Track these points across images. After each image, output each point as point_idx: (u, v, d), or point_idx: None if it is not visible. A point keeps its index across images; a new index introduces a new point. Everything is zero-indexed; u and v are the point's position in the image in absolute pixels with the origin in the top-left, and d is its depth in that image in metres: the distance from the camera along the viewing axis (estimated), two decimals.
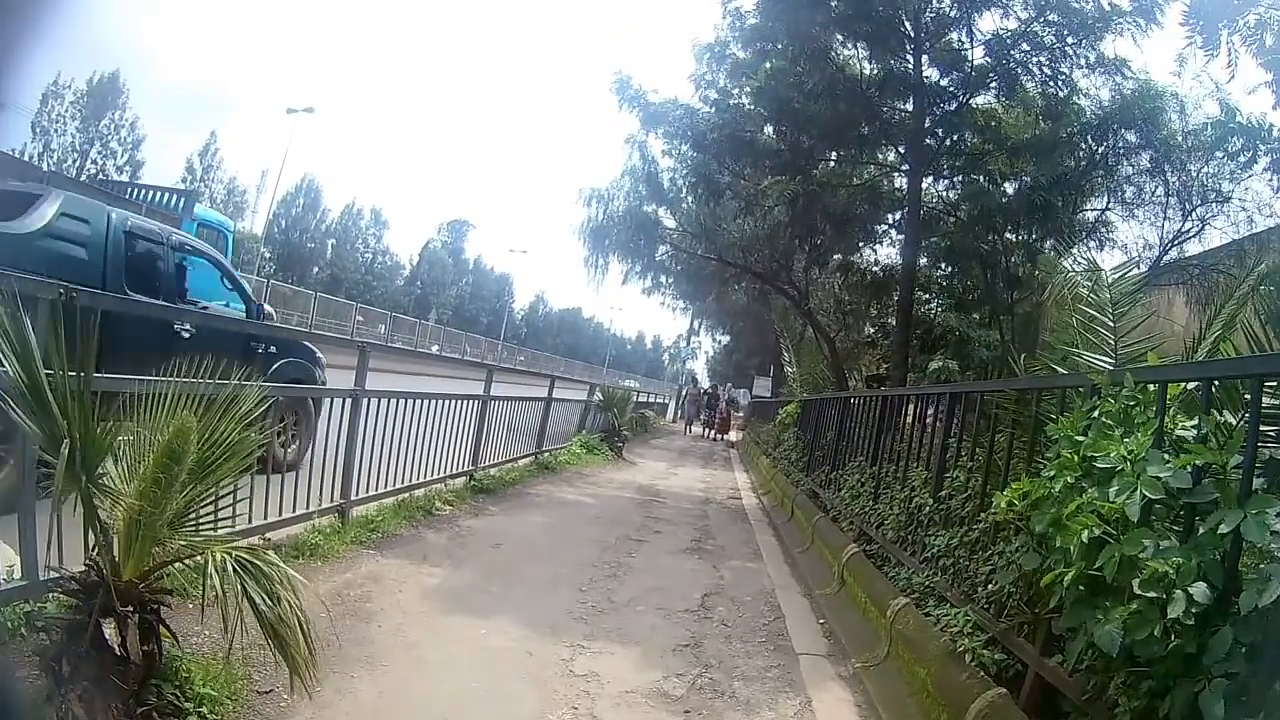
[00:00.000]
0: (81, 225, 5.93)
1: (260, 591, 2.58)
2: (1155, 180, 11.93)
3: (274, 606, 2.58)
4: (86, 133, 50.53)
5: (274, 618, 2.57)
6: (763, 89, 10.79)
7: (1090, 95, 11.59)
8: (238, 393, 3.05)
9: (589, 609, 5.21)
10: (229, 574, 2.58)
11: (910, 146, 11.82)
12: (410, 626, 4.37)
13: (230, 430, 2.95)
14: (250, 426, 3.07)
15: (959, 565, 4.40)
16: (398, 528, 6.42)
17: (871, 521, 6.32)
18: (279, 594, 2.61)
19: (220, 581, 2.54)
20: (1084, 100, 11.49)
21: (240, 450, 2.97)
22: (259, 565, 2.63)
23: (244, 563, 2.62)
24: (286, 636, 2.58)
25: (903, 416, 7.21)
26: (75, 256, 5.78)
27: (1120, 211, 12.66)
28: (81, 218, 5.95)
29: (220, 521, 3.22)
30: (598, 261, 18.11)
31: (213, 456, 2.91)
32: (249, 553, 2.70)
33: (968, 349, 13.80)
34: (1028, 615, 3.62)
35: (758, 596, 6.25)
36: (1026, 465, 3.98)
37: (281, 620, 2.58)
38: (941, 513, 4.91)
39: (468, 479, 8.71)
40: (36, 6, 5.41)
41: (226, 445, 2.94)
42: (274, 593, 2.60)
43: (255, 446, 3.04)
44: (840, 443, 8.89)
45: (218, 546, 2.67)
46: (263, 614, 2.56)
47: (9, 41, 4.63)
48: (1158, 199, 12.30)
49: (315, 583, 4.78)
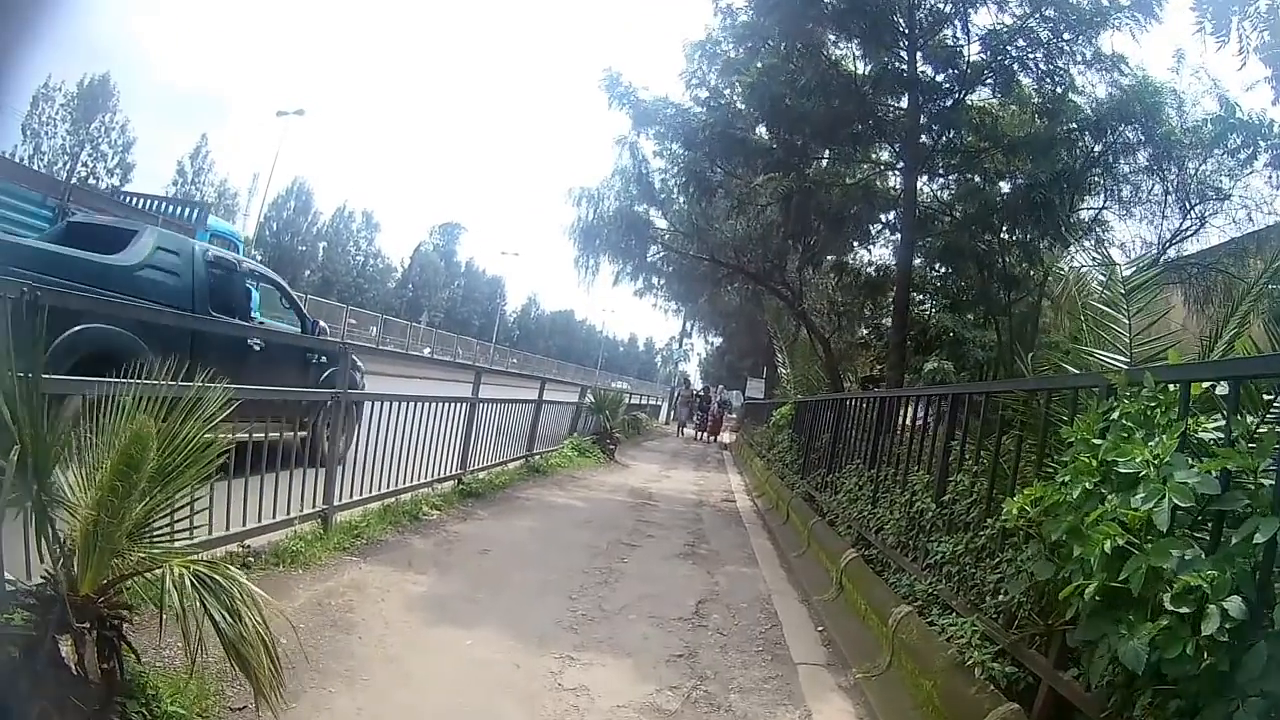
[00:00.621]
0: (173, 256, 6.84)
1: (220, 608, 2.40)
2: (1153, 178, 11.81)
3: (235, 624, 2.39)
4: (77, 135, 50.16)
5: (235, 636, 2.39)
6: (755, 85, 10.59)
7: (1086, 93, 11.46)
8: (201, 395, 2.85)
9: (579, 618, 5.02)
10: (188, 589, 2.40)
11: (905, 144, 11.66)
12: (393, 638, 4.18)
13: (194, 435, 2.77)
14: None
15: (964, 572, 4.22)
16: (383, 533, 6.22)
17: (870, 526, 6.15)
18: (240, 610, 2.42)
19: (179, 598, 2.36)
20: (1080, 98, 11.35)
21: (204, 456, 2.78)
22: (219, 580, 2.44)
23: (203, 578, 2.44)
24: (249, 655, 2.40)
25: (901, 418, 7.07)
26: (169, 284, 6.65)
27: (1117, 210, 12.52)
28: (173, 250, 6.89)
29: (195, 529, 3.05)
30: (588, 262, 17.93)
31: (175, 463, 2.72)
32: (209, 567, 2.52)
33: (962, 350, 13.68)
34: (1040, 626, 3.45)
35: (754, 603, 6.07)
36: (1037, 469, 3.82)
37: (243, 639, 2.40)
38: (945, 518, 4.74)
39: (456, 483, 8.52)
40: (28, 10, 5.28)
41: (189, 451, 2.75)
42: (235, 609, 2.41)
43: (219, 453, 2.84)
44: (836, 445, 8.72)
45: (177, 560, 2.49)
46: (223, 632, 2.38)
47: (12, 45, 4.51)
48: (1155, 197, 12.18)
49: (295, 592, 4.62)
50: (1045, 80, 11.39)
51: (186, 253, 7.00)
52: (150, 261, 6.53)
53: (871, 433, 7.28)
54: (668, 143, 14.71)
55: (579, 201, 17.16)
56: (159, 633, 2.71)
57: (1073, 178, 10.48)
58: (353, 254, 75.26)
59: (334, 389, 5.93)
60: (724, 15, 12.88)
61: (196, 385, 2.90)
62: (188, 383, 2.93)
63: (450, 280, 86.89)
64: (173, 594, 2.37)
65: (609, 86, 12.85)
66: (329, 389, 6.94)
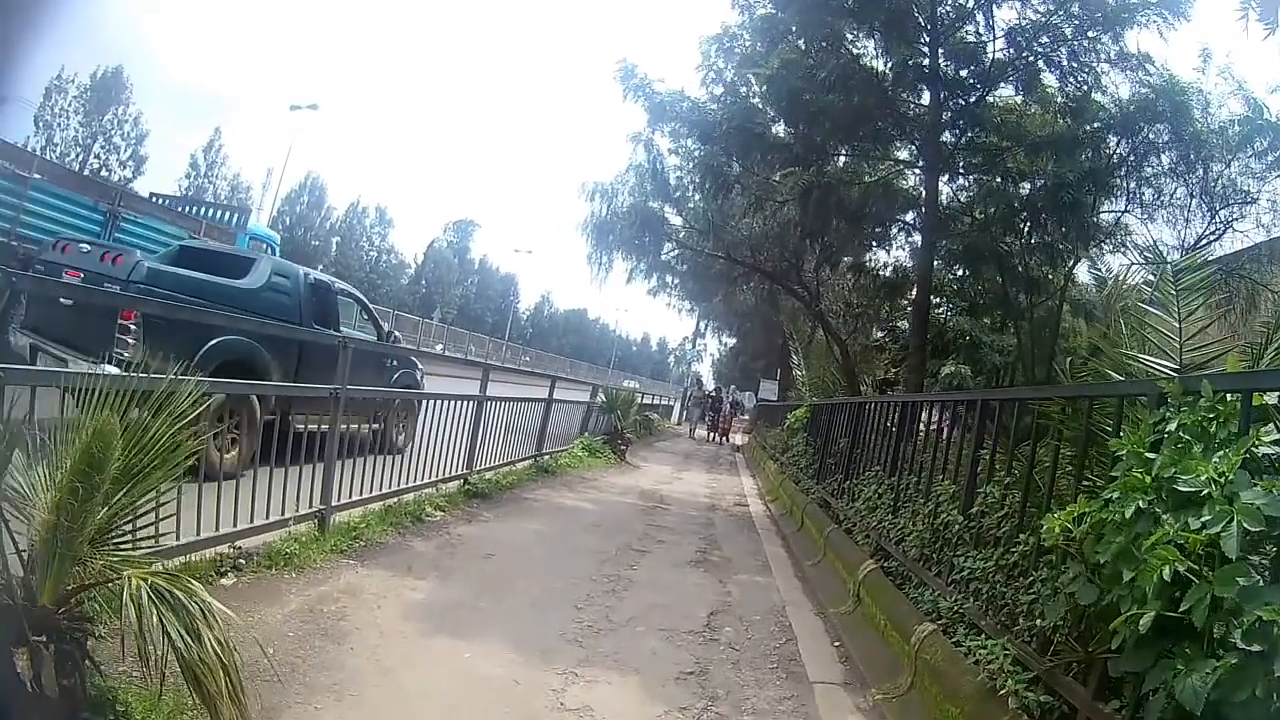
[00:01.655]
0: (285, 280, 8.39)
1: (178, 627, 2.16)
2: (1176, 181, 11.52)
3: (193, 645, 2.15)
4: (89, 127, 50.08)
5: (192, 658, 2.15)
6: (773, 78, 10.31)
7: (1110, 92, 11.17)
8: (173, 389, 2.62)
9: (585, 629, 4.78)
10: (145, 604, 2.17)
11: (926, 142, 11.37)
12: (387, 649, 3.95)
13: (162, 432, 2.53)
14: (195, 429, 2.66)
15: (994, 591, 3.95)
16: (383, 535, 6.00)
17: (890, 536, 5.87)
18: (200, 630, 2.18)
19: (136, 613, 2.13)
20: (1104, 97, 11.07)
21: (173, 456, 2.54)
22: (178, 596, 2.20)
23: (162, 592, 2.20)
24: (206, 680, 2.16)
25: (922, 424, 6.80)
26: (283, 302, 8.11)
27: (1139, 214, 12.22)
28: (284, 275, 8.47)
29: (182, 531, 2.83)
30: (601, 258, 17.62)
31: (141, 463, 2.49)
32: (169, 580, 2.29)
33: (979, 354, 13.43)
34: (1079, 653, 3.20)
35: (767, 615, 5.81)
36: (1076, 483, 3.55)
37: (201, 661, 2.16)
38: (972, 531, 4.47)
39: (462, 483, 8.30)
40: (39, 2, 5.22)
41: (158, 449, 2.52)
42: (195, 629, 2.18)
43: (190, 452, 2.61)
44: (854, 450, 8.44)
45: (135, 571, 2.26)
46: (180, 653, 2.14)
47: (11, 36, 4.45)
48: (1177, 200, 11.89)
49: (286, 596, 4.41)
50: (1070, 78, 11.11)
51: (294, 276, 8.57)
52: (268, 285, 8.06)
53: (892, 438, 7.01)
54: (683, 140, 14.52)
55: (592, 196, 16.90)
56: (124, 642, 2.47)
57: (1099, 178, 10.18)
58: (366, 249, 75.14)
59: (336, 386, 5.68)
60: (742, 10, 12.67)
61: (168, 379, 2.67)
62: (158, 375, 2.70)
63: (463, 277, 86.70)
64: (130, 609, 2.14)
65: (624, 78, 12.59)
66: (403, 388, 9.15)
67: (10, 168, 10.26)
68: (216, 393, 4.34)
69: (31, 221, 10.41)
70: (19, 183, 10.32)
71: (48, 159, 13.50)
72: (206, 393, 2.75)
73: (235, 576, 4.51)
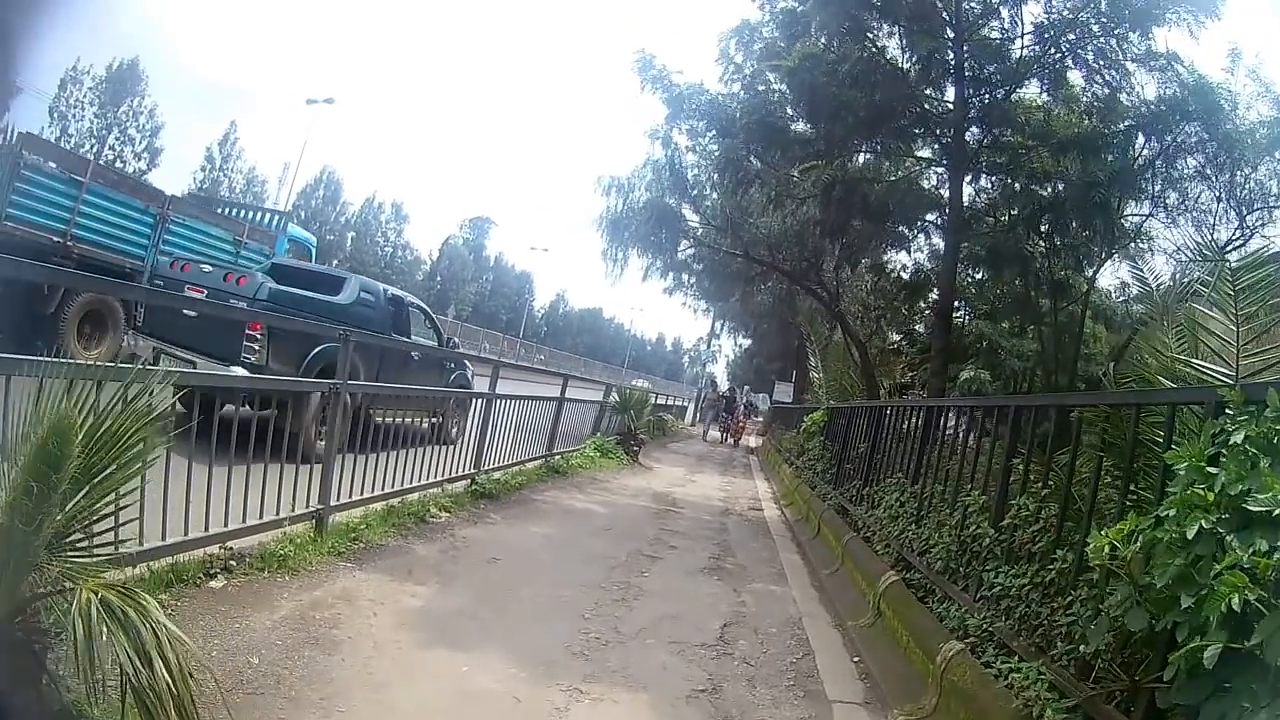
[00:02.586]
0: (370, 295, 9.86)
1: (127, 648, 1.92)
2: (1202, 184, 11.22)
3: (143, 670, 1.92)
4: (104, 119, 50.04)
5: (142, 684, 1.91)
6: (795, 71, 10.06)
7: (1135, 93, 10.89)
8: (141, 380, 2.39)
9: (591, 641, 4.53)
10: (94, 620, 1.94)
11: (950, 140, 11.10)
12: (380, 661, 3.72)
13: (127, 427, 2.31)
14: None
15: (1029, 610, 3.69)
16: (384, 537, 5.77)
17: (913, 547, 5.60)
18: (151, 654, 1.95)
19: (84, 630, 1.91)
20: (1128, 98, 10.80)
21: (139, 455, 2.32)
22: (130, 615, 1.97)
23: (113, 608, 1.97)
24: (155, 712, 1.92)
25: (945, 430, 6.53)
26: (369, 315, 9.41)
27: (1163, 218, 11.90)
28: (370, 291, 9.97)
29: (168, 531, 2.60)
30: (616, 254, 17.20)
31: (103, 461, 2.27)
32: (122, 595, 2.05)
33: (997, 359, 13.19)
34: (1123, 681, 2.94)
35: (783, 628, 5.55)
36: (1122, 497, 3.30)
37: (151, 689, 1.92)
38: (1004, 545, 4.20)
39: (469, 483, 8.06)
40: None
41: (121, 446, 2.30)
42: (145, 651, 1.94)
43: (154, 448, 2.38)
44: (874, 456, 8.16)
45: (89, 583, 2.03)
46: (129, 677, 1.91)
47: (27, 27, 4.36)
48: (1202, 205, 11.58)
49: (278, 601, 4.18)
50: (1097, 76, 10.84)
51: (377, 293, 10.13)
52: (358, 300, 9.46)
53: (915, 445, 6.73)
54: (700, 139, 14.30)
55: (608, 191, 16.54)
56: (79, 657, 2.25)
57: (1130, 178, 9.89)
58: (381, 245, 75.09)
59: (336, 381, 5.47)
60: (764, 4, 12.39)
61: (135, 369, 2.44)
62: (126, 365, 2.47)
63: (479, 274, 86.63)
64: (78, 625, 1.92)
65: (641, 69, 12.34)
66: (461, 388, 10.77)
67: (67, 172, 10.74)
68: (314, 391, 6.08)
69: (85, 223, 10.91)
70: (75, 186, 10.71)
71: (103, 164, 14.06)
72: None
73: (225, 578, 4.30)
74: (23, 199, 10.06)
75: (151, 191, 12.99)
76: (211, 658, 3.36)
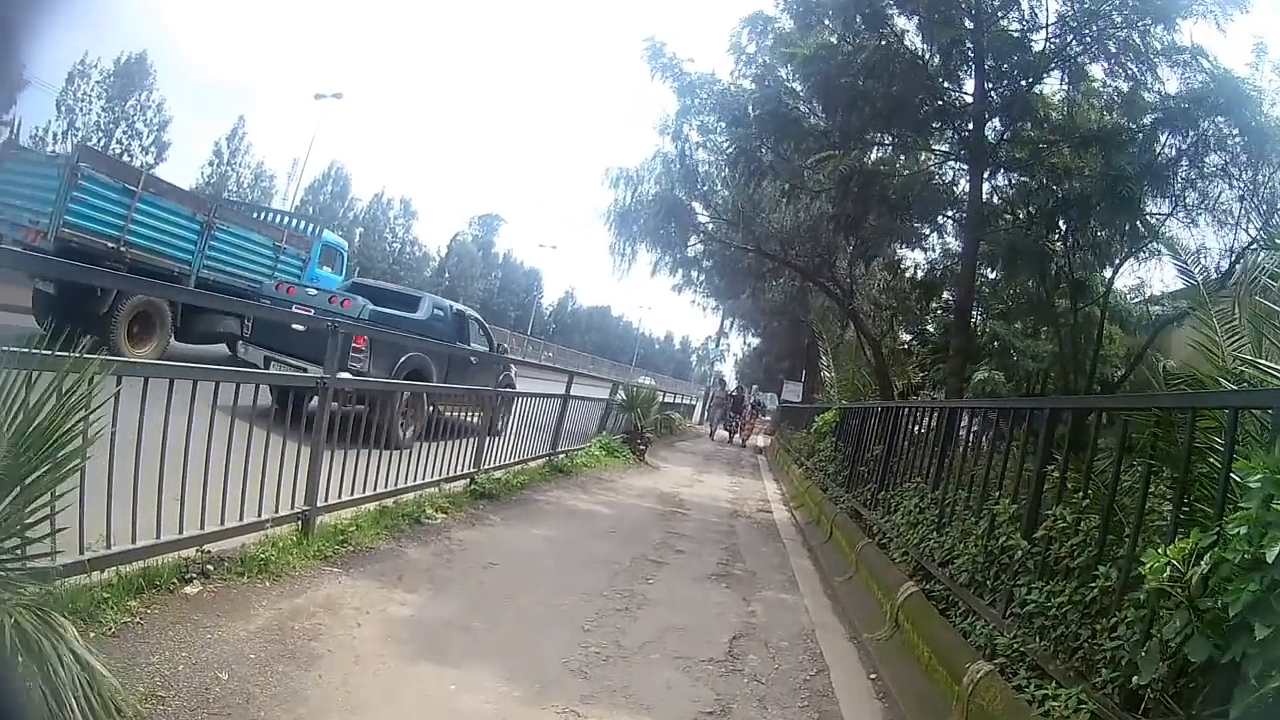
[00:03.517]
0: (441, 311, 11.82)
1: (40, 683, 1.63)
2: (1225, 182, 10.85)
3: (57, 713, 1.62)
4: (112, 112, 49.69)
5: None
6: (811, 59, 9.71)
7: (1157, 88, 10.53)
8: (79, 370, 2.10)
9: (591, 656, 4.22)
10: (6, 649, 1.64)
11: (970, 132, 10.75)
12: (361, 677, 3.43)
13: (59, 423, 2.01)
14: None
15: (1067, 631, 3.38)
16: (375, 540, 5.47)
17: (934, 556, 5.27)
18: (61, 692, 1.65)
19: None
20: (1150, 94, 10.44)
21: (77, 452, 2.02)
22: (43, 644, 1.67)
23: (27, 635, 1.67)
24: None
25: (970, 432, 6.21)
26: (440, 327, 11.34)
27: (1182, 217, 11.53)
28: (441, 309, 11.94)
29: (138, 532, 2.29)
30: (624, 249, 16.91)
31: (30, 464, 1.98)
32: (41, 621, 1.75)
33: (1010, 360, 12.89)
34: (1178, 716, 2.64)
35: (796, 641, 5.24)
36: (1176, 511, 2.99)
37: None
38: (1037, 559, 3.88)
39: (469, 482, 7.77)
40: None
41: (54, 444, 2.00)
42: (55, 688, 1.64)
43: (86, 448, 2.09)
44: (890, 459, 7.83)
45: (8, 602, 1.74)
46: None
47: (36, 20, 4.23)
48: (1222, 205, 11.21)
49: (255, 609, 3.89)
50: (1120, 69, 10.49)
51: (446, 308, 12.22)
52: (431, 316, 11.34)
53: (936, 448, 6.41)
54: (711, 134, 13.98)
55: (616, 183, 16.19)
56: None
57: (1159, 173, 9.54)
58: (389, 241, 74.88)
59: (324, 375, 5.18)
60: None
61: (71, 356, 2.14)
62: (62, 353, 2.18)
63: (487, 271, 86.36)
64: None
65: (651, 56, 12.02)
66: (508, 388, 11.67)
67: (122, 183, 11.58)
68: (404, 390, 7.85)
69: (138, 230, 11.74)
70: (129, 195, 11.54)
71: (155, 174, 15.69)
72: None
73: (202, 583, 4.01)
74: (80, 207, 10.86)
75: (198, 200, 14.12)
76: (178, 673, 3.10)
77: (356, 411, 5.92)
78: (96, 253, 10.96)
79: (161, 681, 3.00)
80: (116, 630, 3.29)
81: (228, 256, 13.40)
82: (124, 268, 11.14)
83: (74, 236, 10.78)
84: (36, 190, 11.12)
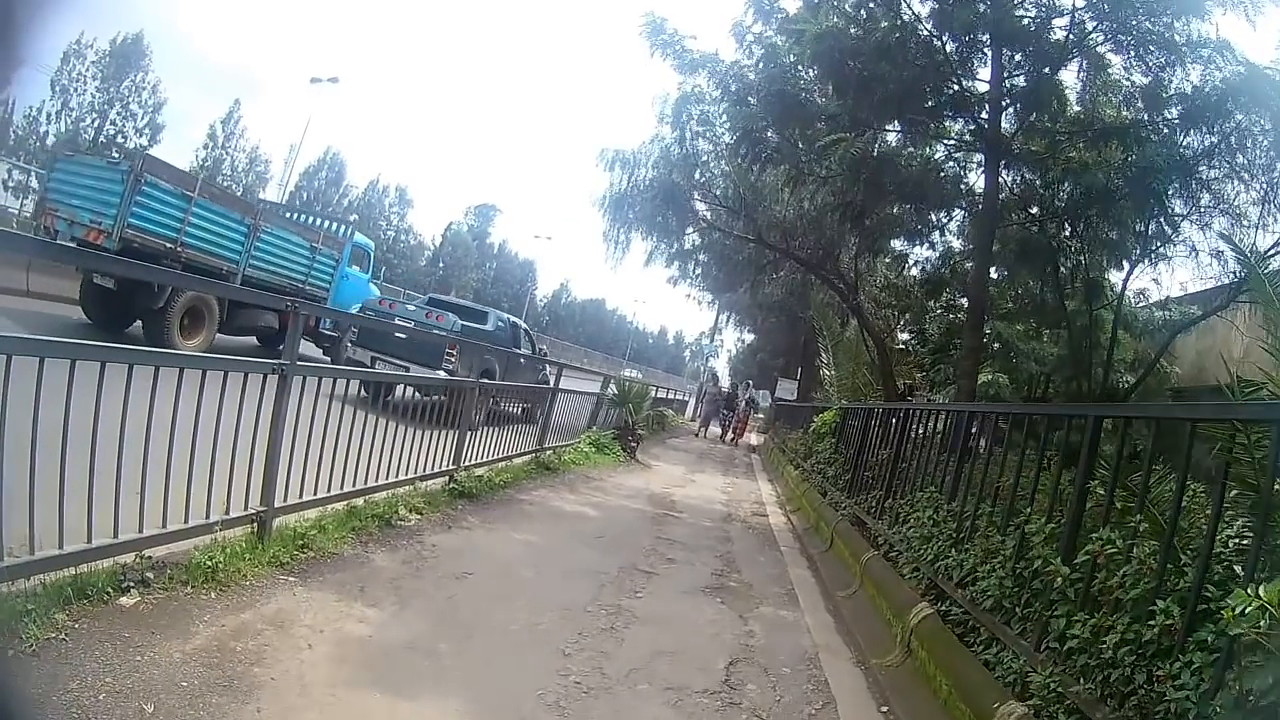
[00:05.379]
0: (503, 323, 15.34)
1: None
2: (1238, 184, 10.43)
3: None
4: (106, 93, 49.12)
5: None
6: (822, 36, 9.18)
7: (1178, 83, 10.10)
8: None
9: (570, 687, 3.72)
10: None
11: (988, 118, 10.28)
12: (305, 713, 2.96)
13: None
14: None
15: (1120, 674, 2.92)
16: (339, 544, 4.98)
17: (951, 576, 4.80)
18: None
19: None
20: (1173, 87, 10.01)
21: None
22: None
23: None
24: None
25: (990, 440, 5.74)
26: (501, 336, 14.69)
27: (1196, 219, 11.11)
28: (502, 320, 15.54)
29: None
30: (618, 236, 16.43)
31: None
32: None
33: (1012, 363, 12.56)
34: None
35: (798, 666, 4.76)
36: (1258, 541, 2.54)
37: None
38: (1079, 587, 3.42)
39: (448, 480, 7.29)
40: None
41: None
42: None
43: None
44: (898, 464, 7.36)
45: None
46: None
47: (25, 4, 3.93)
48: (1238, 207, 10.80)
49: (194, 626, 3.41)
50: (1141, 61, 10.05)
51: (505, 321, 15.64)
52: (495, 328, 14.63)
53: (954, 455, 5.94)
54: (711, 126, 13.53)
55: (612, 165, 15.60)
56: None
57: (1187, 168, 9.11)
58: (384, 228, 74.09)
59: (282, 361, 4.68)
60: None
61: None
62: None
63: (482, 261, 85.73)
64: None
65: (651, 33, 11.49)
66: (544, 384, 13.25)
67: (180, 189, 12.58)
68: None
69: (193, 232, 12.79)
70: (186, 200, 12.57)
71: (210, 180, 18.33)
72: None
73: (140, 593, 3.53)
74: (143, 210, 11.91)
75: (246, 205, 15.58)
76: (98, 702, 2.66)
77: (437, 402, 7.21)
78: (156, 252, 12.04)
79: (79, 713, 2.57)
80: (38, 648, 2.86)
81: (270, 256, 14.56)
82: (179, 266, 12.18)
83: (136, 237, 11.82)
84: (96, 192, 12.08)
